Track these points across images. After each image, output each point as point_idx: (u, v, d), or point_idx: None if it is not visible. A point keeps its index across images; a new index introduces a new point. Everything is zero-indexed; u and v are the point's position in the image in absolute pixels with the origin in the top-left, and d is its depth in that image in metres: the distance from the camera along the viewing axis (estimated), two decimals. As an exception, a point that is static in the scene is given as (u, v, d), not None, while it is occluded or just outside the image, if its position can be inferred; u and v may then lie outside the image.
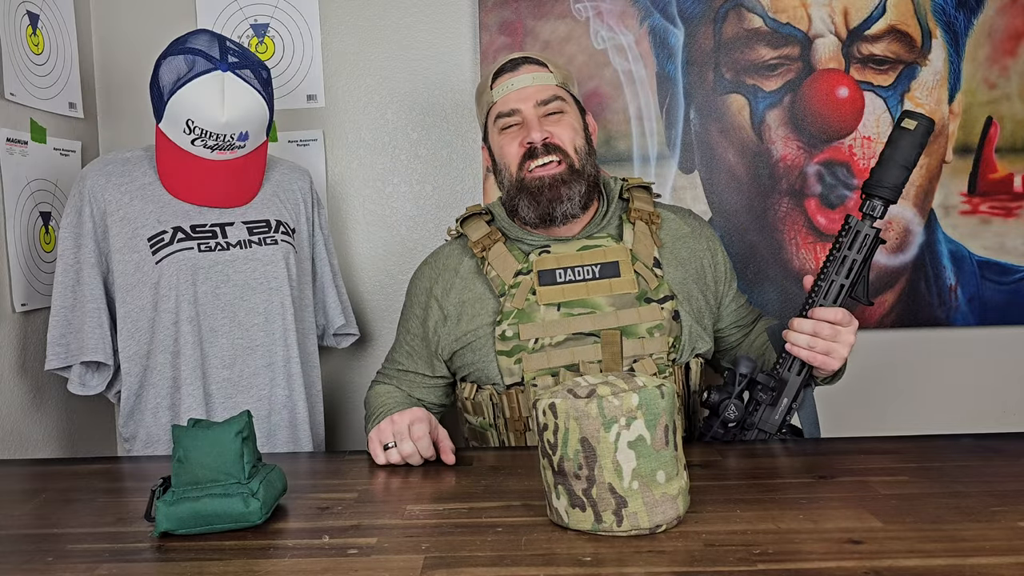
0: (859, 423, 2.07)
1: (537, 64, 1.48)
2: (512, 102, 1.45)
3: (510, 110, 1.45)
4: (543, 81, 1.45)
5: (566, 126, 1.46)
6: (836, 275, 1.36)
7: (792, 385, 1.37)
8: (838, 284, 1.36)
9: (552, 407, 0.98)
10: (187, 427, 1.05)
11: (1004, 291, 2.04)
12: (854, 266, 1.35)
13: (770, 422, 1.38)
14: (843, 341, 1.33)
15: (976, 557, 0.89)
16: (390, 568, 0.90)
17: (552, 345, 1.42)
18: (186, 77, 1.44)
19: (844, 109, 1.98)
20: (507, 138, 1.47)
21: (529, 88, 1.45)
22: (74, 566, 0.94)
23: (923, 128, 1.30)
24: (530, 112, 1.44)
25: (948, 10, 1.96)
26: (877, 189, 1.32)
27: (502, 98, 1.46)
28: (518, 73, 1.46)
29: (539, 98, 1.44)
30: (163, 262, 1.52)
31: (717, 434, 1.40)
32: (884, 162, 1.32)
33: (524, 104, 1.44)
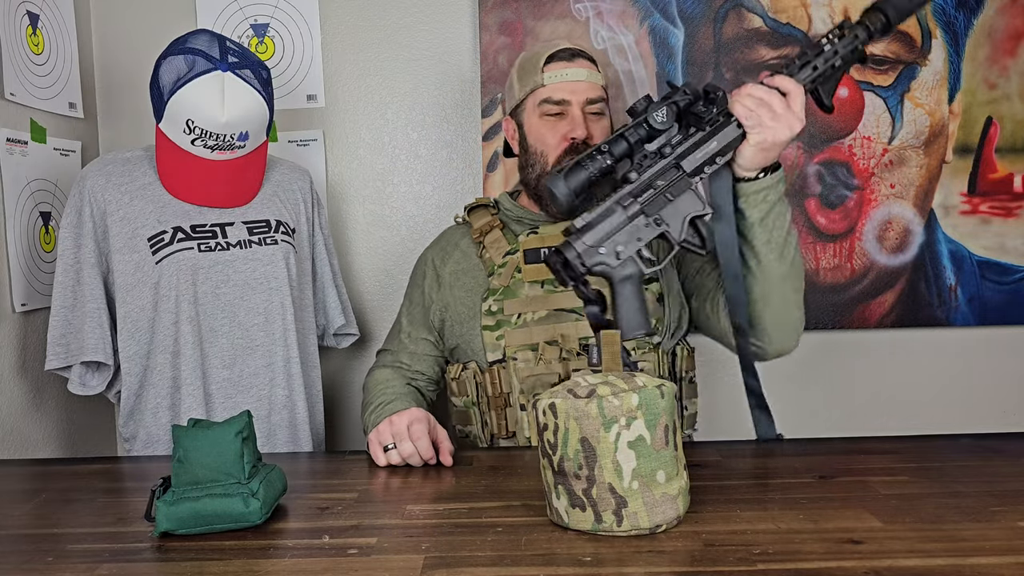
0: (859, 423, 2.08)
1: (590, 61, 1.50)
2: (563, 92, 1.47)
3: (560, 99, 1.47)
4: (595, 79, 1.49)
5: (603, 129, 1.50)
6: (813, 58, 1.27)
7: (727, 134, 1.25)
8: (810, 67, 1.27)
9: (552, 407, 0.98)
10: (187, 427, 1.05)
11: (1004, 291, 2.04)
12: (832, 59, 1.27)
13: (694, 160, 1.25)
14: (786, 122, 1.24)
15: (976, 557, 0.89)
16: (390, 568, 0.90)
17: (534, 321, 1.47)
18: (186, 77, 1.44)
19: (844, 109, 1.98)
20: (549, 126, 1.49)
21: (582, 84, 1.47)
22: (74, 566, 0.94)
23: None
24: (578, 107, 1.47)
25: (948, 10, 1.96)
26: (886, 5, 1.27)
27: (553, 85, 1.48)
28: (573, 64, 1.48)
29: (589, 96, 1.48)
30: (163, 262, 1.52)
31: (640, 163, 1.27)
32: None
33: (574, 97, 1.47)
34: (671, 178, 1.24)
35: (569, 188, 1.21)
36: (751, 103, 1.23)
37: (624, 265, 1.23)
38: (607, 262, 1.22)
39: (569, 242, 1.22)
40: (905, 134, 1.99)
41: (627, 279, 1.23)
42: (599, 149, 1.22)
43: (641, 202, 1.23)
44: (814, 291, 2.02)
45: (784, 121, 1.23)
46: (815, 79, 1.27)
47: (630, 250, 1.23)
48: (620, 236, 1.23)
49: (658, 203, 1.24)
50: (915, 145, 1.99)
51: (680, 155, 1.24)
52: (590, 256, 1.22)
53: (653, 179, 1.24)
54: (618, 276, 1.23)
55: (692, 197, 1.24)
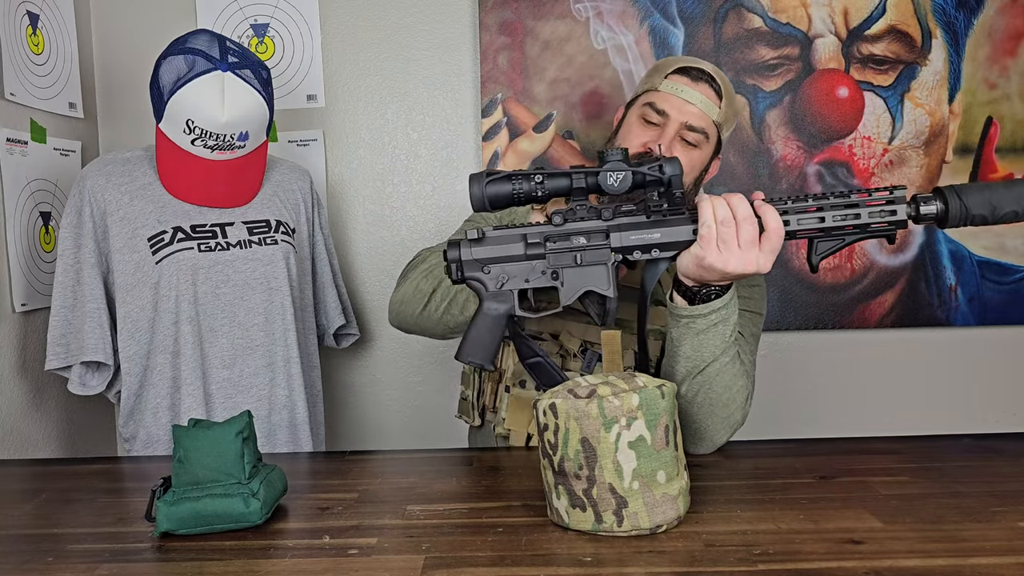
0: (859, 423, 2.08)
1: (715, 92, 1.40)
2: (669, 105, 1.39)
3: (662, 110, 1.40)
4: (707, 109, 1.39)
5: (687, 159, 1.39)
6: (829, 207, 1.10)
7: (676, 232, 1.12)
8: (817, 217, 1.10)
9: (552, 407, 0.98)
10: (187, 427, 1.05)
11: (1004, 291, 2.04)
12: (855, 223, 1.09)
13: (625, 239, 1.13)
14: (748, 257, 1.10)
15: (977, 557, 0.89)
16: (390, 568, 0.90)
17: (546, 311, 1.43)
18: (186, 77, 1.44)
19: (844, 109, 1.98)
20: (640, 129, 1.42)
21: (691, 107, 1.39)
22: (74, 566, 0.94)
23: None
24: (673, 127, 1.39)
25: (948, 10, 1.96)
26: (950, 196, 1.07)
27: (665, 94, 1.40)
28: (694, 86, 1.39)
29: (691, 122, 1.38)
30: (163, 262, 1.52)
31: None
32: (984, 187, 1.07)
33: (675, 115, 1.39)
34: (593, 243, 1.13)
35: (484, 194, 1.12)
36: (720, 214, 1.10)
37: (499, 296, 1.16)
38: (485, 283, 1.16)
39: (458, 244, 1.16)
40: (905, 134, 1.99)
41: (495, 309, 1.16)
42: (537, 174, 1.12)
43: (549, 249, 1.14)
44: (814, 291, 2.02)
45: (743, 257, 1.10)
46: (815, 232, 1.10)
47: (514, 284, 1.15)
48: (512, 268, 1.15)
49: (565, 259, 1.14)
50: (915, 145, 1.99)
51: (614, 226, 1.13)
52: (471, 268, 1.16)
53: (575, 233, 1.14)
54: (488, 300, 1.16)
55: (601, 273, 1.14)
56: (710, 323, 1.19)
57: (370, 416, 2.12)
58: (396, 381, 2.11)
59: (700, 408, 1.26)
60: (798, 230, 1.10)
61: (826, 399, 2.09)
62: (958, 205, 1.07)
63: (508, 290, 1.16)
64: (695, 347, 1.21)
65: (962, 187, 1.08)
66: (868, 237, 1.11)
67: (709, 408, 1.26)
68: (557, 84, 1.98)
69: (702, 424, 1.27)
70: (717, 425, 1.28)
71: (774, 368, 2.06)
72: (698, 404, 1.25)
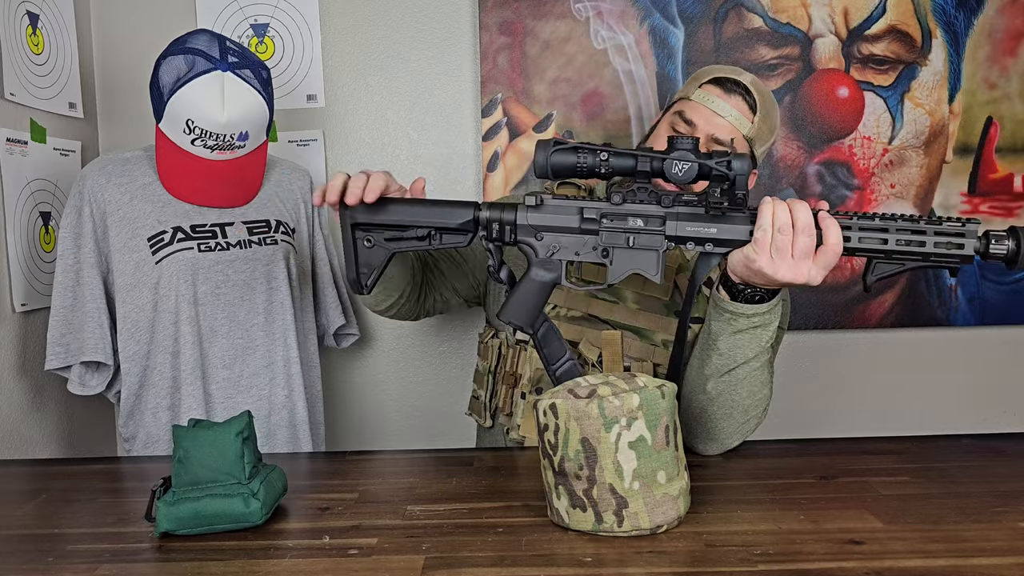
0: (860, 423, 2.08)
1: (748, 106, 1.37)
2: (698, 115, 1.37)
3: (691, 120, 1.37)
4: (737, 123, 1.36)
5: None
6: (895, 229, 1.06)
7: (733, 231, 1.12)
8: (880, 239, 1.07)
9: (553, 407, 0.98)
10: (187, 427, 1.05)
11: (1004, 291, 2.04)
12: (919, 251, 1.06)
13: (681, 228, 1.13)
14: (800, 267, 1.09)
15: (978, 558, 0.89)
16: (390, 568, 0.90)
17: (566, 318, 1.43)
18: (186, 77, 1.44)
19: (844, 109, 1.98)
20: (666, 135, 1.38)
21: (719, 120, 1.36)
22: (74, 566, 0.94)
23: None
24: (702, 137, 1.36)
25: (948, 10, 1.96)
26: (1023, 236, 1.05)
27: (695, 104, 1.38)
28: (727, 98, 1.37)
29: (718, 135, 1.36)
30: (163, 262, 1.52)
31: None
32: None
33: (703, 126, 1.37)
34: (648, 227, 1.13)
35: (549, 162, 1.12)
36: (779, 220, 1.08)
37: (548, 264, 1.17)
38: (536, 249, 1.17)
39: (515, 207, 1.17)
40: (905, 134, 1.99)
41: (542, 276, 1.17)
42: (604, 151, 1.11)
43: (604, 226, 1.14)
44: (814, 291, 2.02)
45: (795, 267, 1.08)
46: (875, 253, 1.08)
47: (564, 255, 1.16)
48: (565, 239, 1.16)
49: (617, 239, 1.14)
50: (915, 145, 1.99)
51: (672, 214, 1.13)
52: (524, 233, 1.17)
53: (632, 215, 1.14)
54: (536, 266, 1.17)
55: (651, 258, 1.14)
56: (751, 324, 1.19)
57: (370, 416, 2.11)
58: (396, 381, 2.11)
59: (720, 409, 1.26)
60: (858, 248, 1.08)
61: (826, 399, 2.09)
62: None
63: (557, 259, 1.17)
64: (731, 346, 1.21)
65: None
66: (930, 267, 1.08)
67: (728, 410, 1.26)
68: (557, 84, 1.98)
69: (717, 425, 1.27)
70: (732, 428, 1.28)
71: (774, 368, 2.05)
72: (719, 404, 1.25)
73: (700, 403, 1.27)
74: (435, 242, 1.19)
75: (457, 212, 1.18)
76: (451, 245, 1.20)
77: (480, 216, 1.18)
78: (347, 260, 1.21)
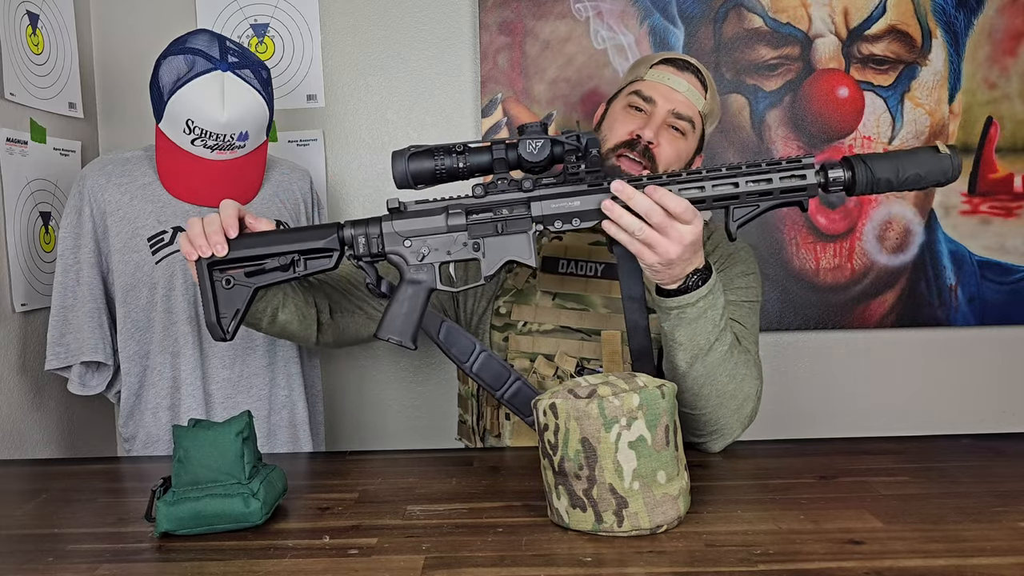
0: (859, 423, 2.08)
1: (700, 83, 1.42)
2: (656, 92, 1.40)
3: (649, 97, 1.40)
4: (693, 98, 1.40)
5: (674, 148, 1.40)
6: (743, 174, 1.10)
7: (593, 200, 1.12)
8: (731, 183, 1.09)
9: (552, 407, 0.98)
10: (187, 427, 1.05)
11: (1004, 291, 2.04)
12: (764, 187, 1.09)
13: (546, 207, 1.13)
14: (673, 238, 1.10)
15: (978, 557, 0.89)
16: (390, 568, 0.90)
17: (539, 332, 1.43)
18: (186, 77, 1.44)
19: (844, 109, 1.98)
20: (626, 117, 1.42)
21: (677, 95, 1.39)
22: (74, 566, 0.94)
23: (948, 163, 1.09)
24: (661, 114, 1.39)
25: (948, 10, 1.96)
26: (856, 162, 1.10)
27: (651, 83, 1.41)
28: (681, 75, 1.41)
29: (678, 110, 1.39)
30: (163, 262, 1.52)
31: None
32: (889, 154, 1.10)
33: (663, 102, 1.39)
34: (515, 213, 1.14)
35: (408, 169, 1.12)
36: (627, 223, 1.10)
37: (421, 269, 1.16)
38: (406, 257, 1.16)
39: (378, 219, 1.16)
40: (905, 134, 1.99)
41: (416, 283, 1.16)
42: (459, 148, 1.13)
43: (471, 220, 1.14)
44: (814, 291, 2.02)
45: (674, 240, 1.10)
46: (732, 198, 1.10)
47: (435, 258, 1.15)
48: (433, 240, 1.15)
49: (486, 229, 1.14)
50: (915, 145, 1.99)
51: (535, 196, 1.13)
52: (392, 242, 1.15)
53: (497, 205, 1.14)
54: (409, 275, 1.16)
55: (523, 242, 1.14)
56: (700, 311, 1.19)
57: (370, 416, 2.12)
58: (396, 381, 2.11)
59: (709, 401, 1.26)
60: (715, 195, 1.10)
61: (826, 399, 2.09)
62: (864, 170, 1.09)
63: (429, 263, 1.16)
64: (690, 335, 1.21)
65: (868, 155, 1.11)
66: (781, 205, 1.11)
67: (718, 400, 1.26)
68: (557, 84, 1.98)
69: (713, 417, 1.27)
70: (729, 417, 1.28)
71: (774, 368, 2.06)
72: (705, 397, 1.25)
73: (690, 401, 1.27)
74: (300, 269, 1.16)
75: (319, 233, 1.16)
76: (318, 270, 1.17)
77: (343, 234, 1.16)
78: (205, 304, 1.16)
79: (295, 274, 1.16)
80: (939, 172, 1.09)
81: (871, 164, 1.09)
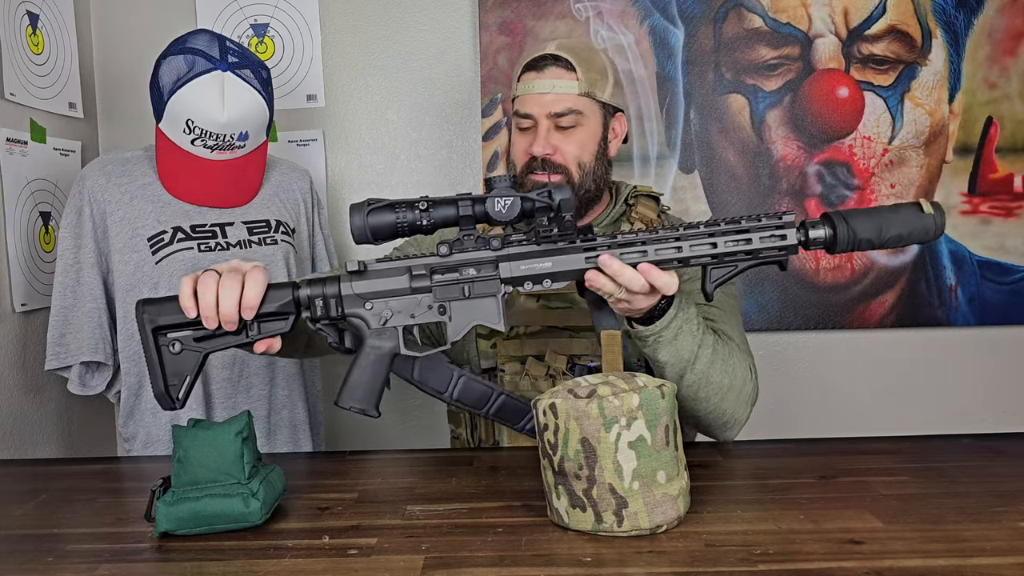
0: (859, 423, 2.08)
1: (564, 68, 1.38)
2: (529, 106, 1.39)
3: (527, 113, 1.40)
4: (563, 90, 1.38)
5: (574, 142, 1.39)
6: (721, 233, 1.06)
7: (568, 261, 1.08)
8: (709, 243, 1.06)
9: (552, 407, 0.98)
10: (187, 427, 1.05)
11: (1004, 291, 2.04)
12: (747, 248, 1.06)
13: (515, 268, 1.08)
14: (651, 298, 1.12)
15: (978, 557, 0.89)
16: (390, 568, 0.90)
17: (526, 334, 1.43)
18: (186, 77, 1.44)
19: (844, 109, 1.98)
20: (519, 139, 1.43)
21: (547, 96, 1.38)
22: (74, 566, 0.94)
23: (931, 222, 1.06)
24: (542, 122, 1.38)
25: (948, 10, 1.96)
26: (838, 221, 1.07)
27: (522, 97, 1.41)
28: (542, 75, 1.39)
29: (553, 109, 1.37)
30: (163, 262, 1.52)
31: None
32: (870, 212, 1.08)
33: (539, 111, 1.38)
34: (483, 274, 1.08)
35: (367, 224, 1.06)
36: (610, 290, 1.09)
37: (383, 334, 1.09)
38: (367, 320, 1.09)
39: (336, 279, 1.09)
40: (905, 134, 1.99)
41: (379, 348, 1.10)
42: (422, 203, 1.07)
43: (436, 281, 1.08)
44: (814, 291, 2.03)
45: (648, 299, 1.11)
46: (708, 259, 1.08)
47: (398, 321, 1.09)
48: (396, 303, 1.09)
49: (452, 292, 1.08)
50: (915, 145, 1.99)
51: (504, 256, 1.08)
52: (352, 304, 1.09)
53: (463, 264, 1.08)
54: (370, 340, 1.10)
55: (492, 305, 1.08)
56: (675, 331, 1.20)
57: (370, 416, 2.11)
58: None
59: (709, 401, 1.26)
60: (691, 256, 1.07)
61: (826, 399, 2.09)
62: (845, 229, 1.06)
63: (392, 327, 1.09)
64: (672, 353, 1.21)
65: (849, 212, 1.07)
66: (760, 263, 1.08)
67: (719, 397, 1.27)
68: (557, 84, 1.98)
69: (718, 411, 1.28)
70: (733, 406, 1.29)
71: (774, 368, 2.06)
72: (704, 399, 1.26)
73: (691, 407, 1.28)
74: (253, 332, 1.09)
75: (273, 295, 1.08)
76: (273, 333, 1.10)
77: (300, 295, 1.09)
78: (151, 370, 1.08)
79: (248, 339, 1.09)
80: (921, 232, 1.06)
81: (852, 223, 1.06)
